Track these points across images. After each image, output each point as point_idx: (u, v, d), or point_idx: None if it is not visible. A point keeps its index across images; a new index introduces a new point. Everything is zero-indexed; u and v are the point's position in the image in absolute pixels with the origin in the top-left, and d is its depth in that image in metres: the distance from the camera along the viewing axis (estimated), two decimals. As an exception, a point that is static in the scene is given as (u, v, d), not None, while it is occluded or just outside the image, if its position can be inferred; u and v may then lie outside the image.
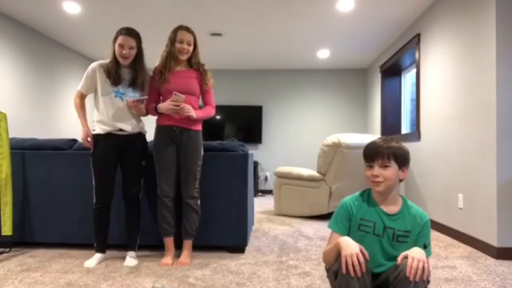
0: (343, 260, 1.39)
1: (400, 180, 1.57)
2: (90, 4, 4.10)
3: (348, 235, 1.58)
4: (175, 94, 2.42)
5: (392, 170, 1.54)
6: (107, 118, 2.48)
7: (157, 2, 4.04)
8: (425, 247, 1.54)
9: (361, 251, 1.40)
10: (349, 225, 1.61)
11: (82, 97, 2.58)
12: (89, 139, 2.49)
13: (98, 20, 4.55)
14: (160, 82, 2.52)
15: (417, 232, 1.56)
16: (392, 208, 1.58)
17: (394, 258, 1.50)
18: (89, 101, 3.22)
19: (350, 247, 1.41)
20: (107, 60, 2.52)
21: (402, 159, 1.56)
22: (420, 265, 1.36)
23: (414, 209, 1.59)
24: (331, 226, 1.62)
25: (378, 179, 1.54)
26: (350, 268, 1.37)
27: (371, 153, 1.56)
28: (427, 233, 1.57)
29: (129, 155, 2.54)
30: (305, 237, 3.38)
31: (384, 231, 1.57)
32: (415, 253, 1.40)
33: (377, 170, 1.54)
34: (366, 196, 1.63)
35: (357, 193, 1.66)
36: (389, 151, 1.54)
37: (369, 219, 1.58)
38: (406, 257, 1.41)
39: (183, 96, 2.43)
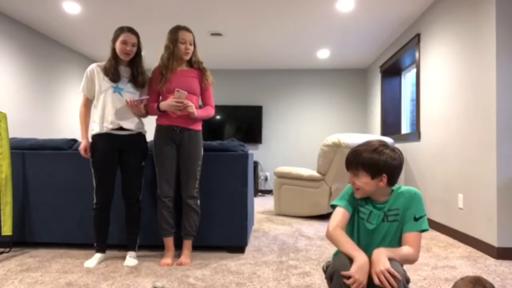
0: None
1: (382, 186, 1.54)
2: (90, 4, 4.10)
3: (350, 220, 1.61)
4: (177, 90, 2.42)
5: (362, 179, 1.54)
6: (107, 115, 2.47)
7: (157, 2, 4.04)
8: (416, 219, 1.52)
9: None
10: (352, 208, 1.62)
11: (87, 104, 2.57)
12: (87, 152, 2.50)
13: (98, 20, 4.55)
14: (161, 82, 2.52)
15: (406, 207, 1.55)
16: (382, 199, 1.60)
17: (387, 240, 1.55)
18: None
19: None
20: (104, 62, 2.55)
21: (374, 169, 1.52)
22: (386, 275, 1.35)
23: (403, 188, 1.60)
24: (340, 203, 1.61)
25: (354, 186, 1.58)
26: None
27: (345, 162, 1.60)
28: (417, 205, 1.55)
29: (129, 156, 2.53)
30: (305, 237, 3.38)
31: (377, 217, 1.58)
32: (376, 266, 1.37)
33: (350, 178, 1.59)
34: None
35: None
36: (357, 162, 1.55)
37: (365, 206, 1.61)
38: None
39: (185, 92, 2.43)
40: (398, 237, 1.57)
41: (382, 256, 1.39)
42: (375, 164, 1.52)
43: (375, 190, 1.55)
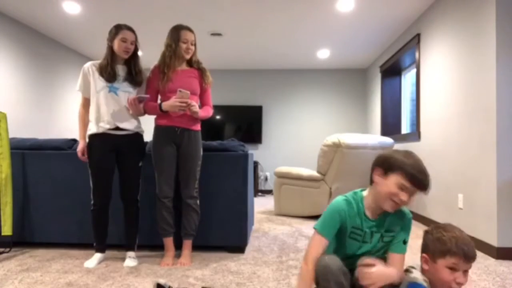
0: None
1: None
2: (90, 4, 4.10)
3: (337, 238, 1.55)
4: (180, 90, 2.41)
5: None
6: (102, 114, 2.45)
7: (157, 2, 4.04)
8: (405, 243, 1.53)
9: None
10: (338, 229, 1.53)
11: (85, 104, 2.55)
12: (84, 154, 2.49)
13: (98, 20, 4.55)
14: (163, 81, 2.51)
15: (400, 230, 1.54)
16: (374, 214, 1.53)
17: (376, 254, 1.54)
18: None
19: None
20: (99, 60, 2.53)
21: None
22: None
23: (402, 208, 1.56)
24: (318, 227, 1.53)
25: (403, 204, 1.45)
26: None
27: (423, 182, 1.41)
28: (409, 229, 1.55)
29: (126, 156, 2.52)
30: (305, 237, 3.38)
31: (372, 237, 1.54)
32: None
33: (408, 196, 1.43)
34: (359, 201, 1.55)
35: (349, 196, 1.57)
36: (428, 185, 1.43)
37: (358, 227, 1.53)
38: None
39: (188, 92, 2.43)
40: (382, 251, 1.57)
41: (387, 276, 1.39)
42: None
43: None
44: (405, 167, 1.41)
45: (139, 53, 2.63)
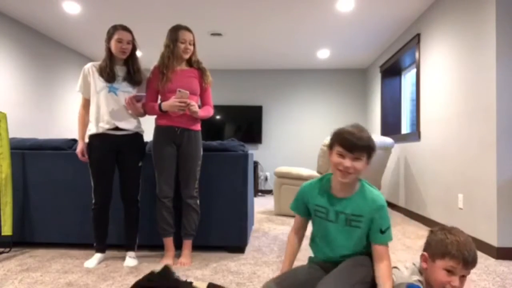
0: None
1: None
2: (90, 4, 4.10)
3: (313, 220, 1.71)
4: (179, 91, 2.41)
5: (363, 163, 1.54)
6: (102, 115, 2.45)
7: (157, 2, 4.04)
8: (382, 232, 1.54)
9: None
10: (308, 209, 1.70)
11: (85, 105, 2.55)
12: (84, 154, 2.50)
13: (98, 20, 4.55)
14: (162, 81, 2.51)
15: (371, 217, 1.56)
16: (345, 193, 1.59)
17: (353, 241, 1.58)
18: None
19: None
20: (100, 61, 2.53)
21: (372, 153, 1.56)
22: None
23: (369, 193, 1.58)
24: (291, 207, 1.75)
25: (349, 170, 1.52)
26: None
27: (349, 144, 1.51)
28: (383, 217, 1.55)
29: (126, 156, 2.52)
30: (305, 237, 3.37)
31: (337, 217, 1.58)
32: None
33: (349, 161, 1.52)
34: (325, 181, 1.65)
35: (311, 181, 1.69)
36: (367, 145, 1.53)
37: (322, 205, 1.62)
38: None
39: (187, 92, 2.43)
40: (364, 239, 1.60)
41: None
42: (375, 148, 1.57)
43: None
44: (339, 137, 1.58)
45: (139, 53, 2.63)
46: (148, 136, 2.53)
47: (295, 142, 6.93)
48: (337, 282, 1.46)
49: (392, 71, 5.49)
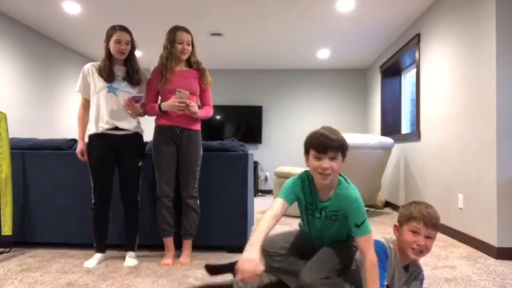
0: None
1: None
2: (90, 4, 4.10)
3: (302, 214, 1.84)
4: (179, 91, 2.42)
5: (339, 162, 1.64)
6: (102, 115, 2.45)
7: (157, 2, 4.04)
8: (357, 226, 1.62)
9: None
10: (296, 199, 1.77)
11: (85, 105, 2.55)
12: (84, 154, 2.50)
13: (98, 20, 4.55)
14: (161, 82, 2.52)
15: (345, 212, 1.68)
16: (326, 194, 1.71)
17: (335, 228, 1.76)
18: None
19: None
20: (99, 62, 2.53)
21: (346, 150, 1.66)
22: None
23: (344, 189, 1.69)
24: (281, 195, 1.72)
25: (327, 171, 1.61)
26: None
27: (323, 145, 1.61)
28: (357, 213, 1.64)
29: (126, 156, 2.52)
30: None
31: (321, 213, 1.75)
32: None
33: (327, 162, 1.61)
34: (310, 181, 1.74)
35: (298, 177, 1.76)
36: (339, 144, 1.62)
37: (311, 203, 1.76)
38: None
39: (187, 92, 2.43)
40: (345, 226, 1.74)
41: None
42: (347, 146, 1.67)
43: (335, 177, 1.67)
44: (311, 141, 1.70)
45: (138, 53, 2.63)
46: (148, 136, 2.53)
47: (295, 142, 6.93)
48: (319, 266, 1.68)
49: (392, 71, 5.49)
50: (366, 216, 1.65)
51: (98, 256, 2.51)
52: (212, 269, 2.07)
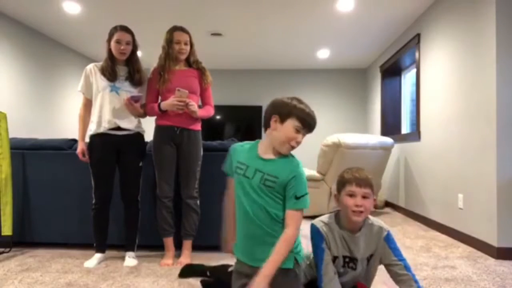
0: None
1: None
2: (90, 4, 4.10)
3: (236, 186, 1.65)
4: (178, 90, 2.42)
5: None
6: (104, 114, 2.46)
7: (157, 2, 4.04)
8: (297, 198, 1.54)
9: None
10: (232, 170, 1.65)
11: (86, 105, 2.55)
12: (85, 155, 2.49)
13: (98, 20, 4.55)
14: (160, 82, 2.52)
15: (286, 182, 1.53)
16: (270, 156, 1.59)
17: (264, 200, 1.53)
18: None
19: None
20: (102, 62, 2.54)
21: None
22: None
23: (291, 160, 1.60)
24: (224, 168, 1.71)
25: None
26: None
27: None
28: (299, 185, 1.53)
29: (126, 156, 2.52)
30: (304, 237, 3.36)
31: (254, 174, 1.56)
32: None
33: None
34: (254, 144, 1.66)
35: (249, 144, 1.69)
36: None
37: (243, 162, 1.60)
38: None
39: (186, 91, 2.43)
40: (278, 208, 1.56)
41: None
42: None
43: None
44: (298, 112, 1.64)
45: (139, 53, 2.63)
46: (149, 136, 2.53)
47: (295, 142, 6.92)
48: None
49: (392, 71, 5.49)
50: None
51: (98, 256, 2.51)
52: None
